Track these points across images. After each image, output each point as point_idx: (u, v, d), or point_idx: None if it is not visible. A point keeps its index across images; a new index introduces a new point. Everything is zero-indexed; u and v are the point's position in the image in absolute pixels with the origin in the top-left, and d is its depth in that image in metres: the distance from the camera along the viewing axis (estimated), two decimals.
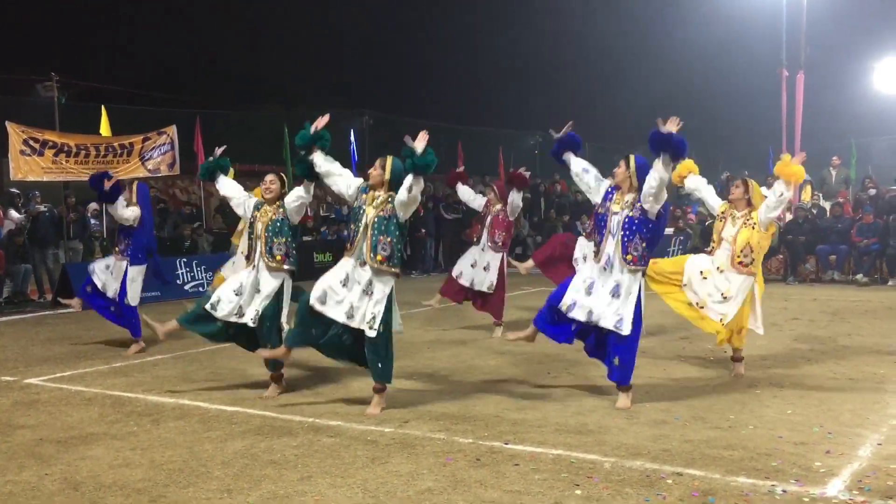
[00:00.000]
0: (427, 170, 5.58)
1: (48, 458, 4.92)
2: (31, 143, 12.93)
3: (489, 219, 9.29)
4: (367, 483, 4.35)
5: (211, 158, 6.80)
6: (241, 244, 9.32)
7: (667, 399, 6.07)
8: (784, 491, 4.11)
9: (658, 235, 5.96)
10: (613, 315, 5.79)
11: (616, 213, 5.86)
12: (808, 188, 18.12)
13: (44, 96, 14.82)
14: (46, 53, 21.80)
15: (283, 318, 6.38)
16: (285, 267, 6.32)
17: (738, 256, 6.68)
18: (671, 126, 5.55)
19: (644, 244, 5.80)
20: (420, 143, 5.64)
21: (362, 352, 5.80)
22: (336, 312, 5.72)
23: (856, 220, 15.11)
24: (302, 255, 16.15)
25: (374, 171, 5.88)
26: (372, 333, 5.66)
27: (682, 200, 17.43)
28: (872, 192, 16.31)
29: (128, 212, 8.43)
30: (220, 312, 6.28)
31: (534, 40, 32.61)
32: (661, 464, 4.56)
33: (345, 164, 6.17)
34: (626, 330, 5.75)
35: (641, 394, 6.16)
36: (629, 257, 5.78)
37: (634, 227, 5.78)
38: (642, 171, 5.78)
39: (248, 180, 11.67)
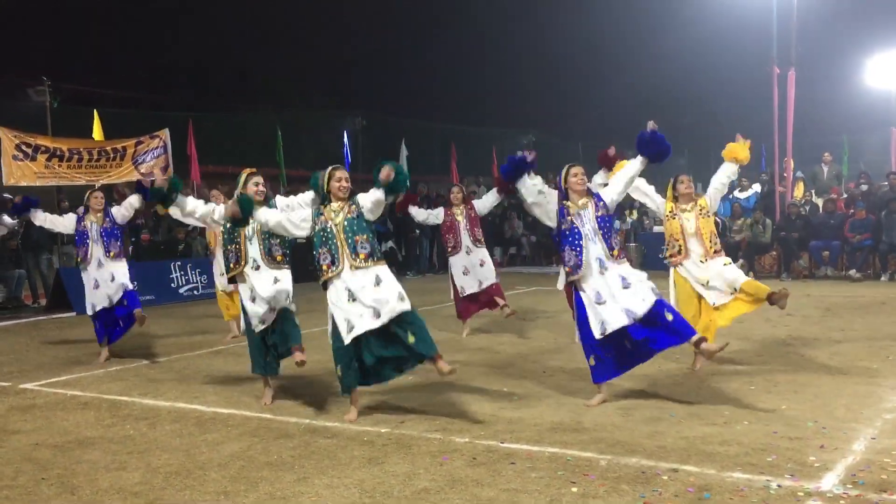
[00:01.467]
0: (400, 189, 5.72)
1: (45, 462, 4.92)
2: (24, 147, 12.92)
3: (463, 221, 9.17)
4: (363, 483, 4.36)
5: (157, 180, 6.58)
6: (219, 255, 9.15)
7: (662, 396, 6.09)
8: (779, 486, 4.13)
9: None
10: (640, 301, 5.69)
11: (586, 218, 5.88)
12: (801, 185, 18.19)
13: (35, 101, 14.79)
14: (38, 58, 21.74)
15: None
16: (286, 266, 6.33)
17: (712, 247, 6.88)
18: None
19: (619, 238, 6.07)
20: (387, 175, 5.64)
21: (402, 357, 5.65)
22: (366, 324, 5.54)
23: (848, 215, 15.16)
24: (297, 256, 16.16)
25: (344, 184, 5.75)
26: (406, 305, 5.51)
27: None
28: (864, 187, 16.37)
29: (124, 209, 8.48)
30: (258, 325, 6.22)
31: (525, 39, 32.69)
32: (657, 460, 4.57)
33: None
34: (653, 301, 5.67)
35: (636, 391, 6.18)
36: (615, 252, 5.88)
37: (608, 224, 5.95)
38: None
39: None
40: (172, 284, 13.99)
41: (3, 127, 12.80)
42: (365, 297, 5.56)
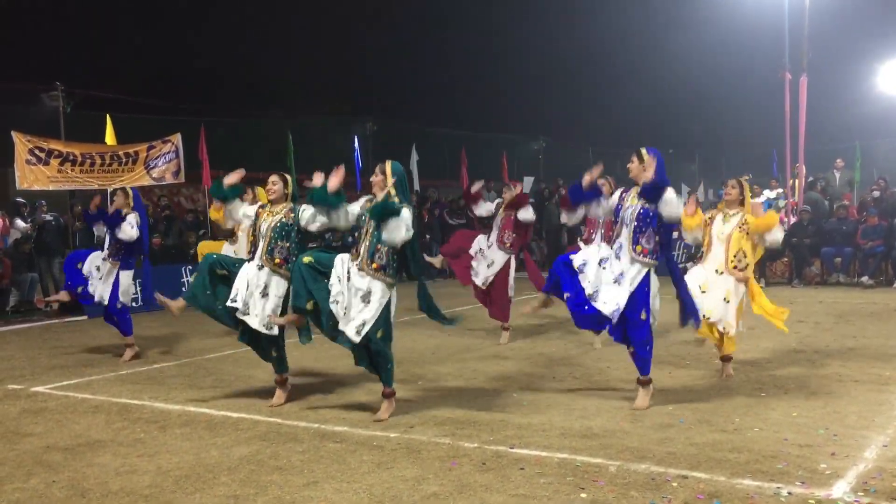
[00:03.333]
0: (325, 203, 5.89)
1: (56, 465, 4.94)
2: (37, 152, 12.98)
3: (501, 219, 9.22)
4: (372, 488, 4.36)
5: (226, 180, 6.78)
6: (240, 245, 9.42)
7: (672, 402, 6.08)
8: (789, 493, 4.11)
9: (671, 235, 6.13)
10: (611, 302, 5.81)
11: (630, 206, 5.96)
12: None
13: (49, 105, 14.87)
14: (51, 63, 21.89)
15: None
16: (283, 271, 6.28)
17: (733, 261, 6.69)
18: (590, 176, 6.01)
19: (657, 238, 5.88)
20: (331, 182, 5.84)
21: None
22: (335, 310, 5.68)
23: (861, 222, 15.10)
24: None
25: (376, 178, 5.89)
26: (356, 339, 5.61)
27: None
28: (876, 194, 16.28)
29: (134, 231, 8.46)
30: (240, 307, 6.24)
31: (537, 45, 32.65)
32: (667, 467, 4.56)
33: (348, 172, 6.20)
34: (615, 318, 5.81)
35: None
36: (638, 248, 5.84)
37: (648, 220, 5.86)
38: (658, 165, 5.89)
39: (253, 187, 11.70)
40: (183, 289, 14.02)
41: (17, 131, 12.87)
42: (348, 294, 5.67)
